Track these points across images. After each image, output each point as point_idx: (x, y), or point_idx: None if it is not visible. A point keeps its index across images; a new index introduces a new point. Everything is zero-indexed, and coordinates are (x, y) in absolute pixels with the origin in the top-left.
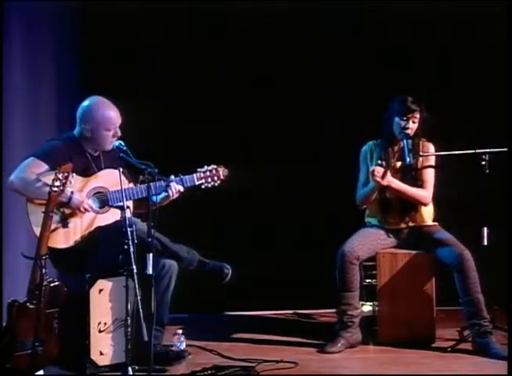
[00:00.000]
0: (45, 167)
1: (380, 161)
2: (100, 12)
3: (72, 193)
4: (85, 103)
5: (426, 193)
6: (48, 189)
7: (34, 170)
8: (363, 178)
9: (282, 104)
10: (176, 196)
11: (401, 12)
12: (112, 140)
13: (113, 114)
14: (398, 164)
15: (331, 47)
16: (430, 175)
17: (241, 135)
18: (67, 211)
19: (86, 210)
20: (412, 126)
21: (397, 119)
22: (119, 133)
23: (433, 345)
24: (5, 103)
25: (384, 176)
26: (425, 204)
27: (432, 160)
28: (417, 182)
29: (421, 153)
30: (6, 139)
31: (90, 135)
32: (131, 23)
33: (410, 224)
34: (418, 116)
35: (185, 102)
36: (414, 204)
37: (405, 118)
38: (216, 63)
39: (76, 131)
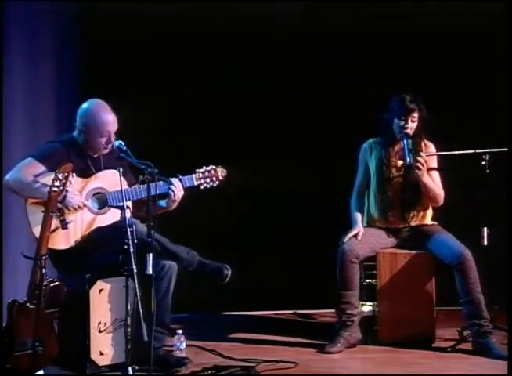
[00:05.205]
0: (41, 168)
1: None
2: (100, 13)
3: (67, 191)
4: (84, 105)
5: (442, 192)
6: (44, 190)
7: (30, 170)
8: (361, 177)
9: (281, 104)
10: (180, 194)
11: (401, 12)
12: (105, 146)
13: (108, 120)
14: (400, 162)
15: (330, 47)
16: (437, 176)
17: (240, 135)
18: (65, 209)
19: (80, 208)
20: (412, 125)
21: (396, 119)
22: (113, 140)
23: (433, 345)
24: (5, 104)
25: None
26: (438, 203)
27: (435, 161)
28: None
29: (421, 154)
30: (6, 139)
31: (84, 137)
32: (131, 24)
33: (411, 223)
34: (417, 115)
35: (185, 102)
36: (415, 203)
37: (403, 118)
38: (215, 64)
39: (75, 133)
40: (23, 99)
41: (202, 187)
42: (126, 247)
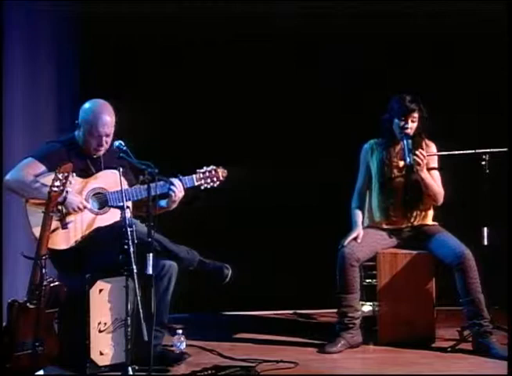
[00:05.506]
0: (42, 168)
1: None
2: (100, 14)
3: (67, 192)
4: (86, 105)
5: (442, 191)
6: (44, 190)
7: (30, 171)
8: (362, 178)
9: (281, 104)
10: (181, 195)
11: (402, 11)
12: (97, 149)
13: (103, 120)
14: (401, 163)
15: (329, 47)
16: (438, 175)
17: (240, 135)
18: (65, 210)
19: (80, 209)
20: (412, 125)
21: (396, 120)
22: (104, 143)
23: (433, 345)
24: (5, 104)
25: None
26: (438, 202)
27: (435, 160)
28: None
29: (420, 150)
30: (6, 139)
31: (82, 137)
32: (131, 24)
33: (414, 223)
34: (417, 115)
35: (185, 102)
36: (417, 203)
37: (403, 118)
38: (215, 64)
39: (77, 132)
40: (23, 99)
41: (202, 188)
42: (126, 247)
